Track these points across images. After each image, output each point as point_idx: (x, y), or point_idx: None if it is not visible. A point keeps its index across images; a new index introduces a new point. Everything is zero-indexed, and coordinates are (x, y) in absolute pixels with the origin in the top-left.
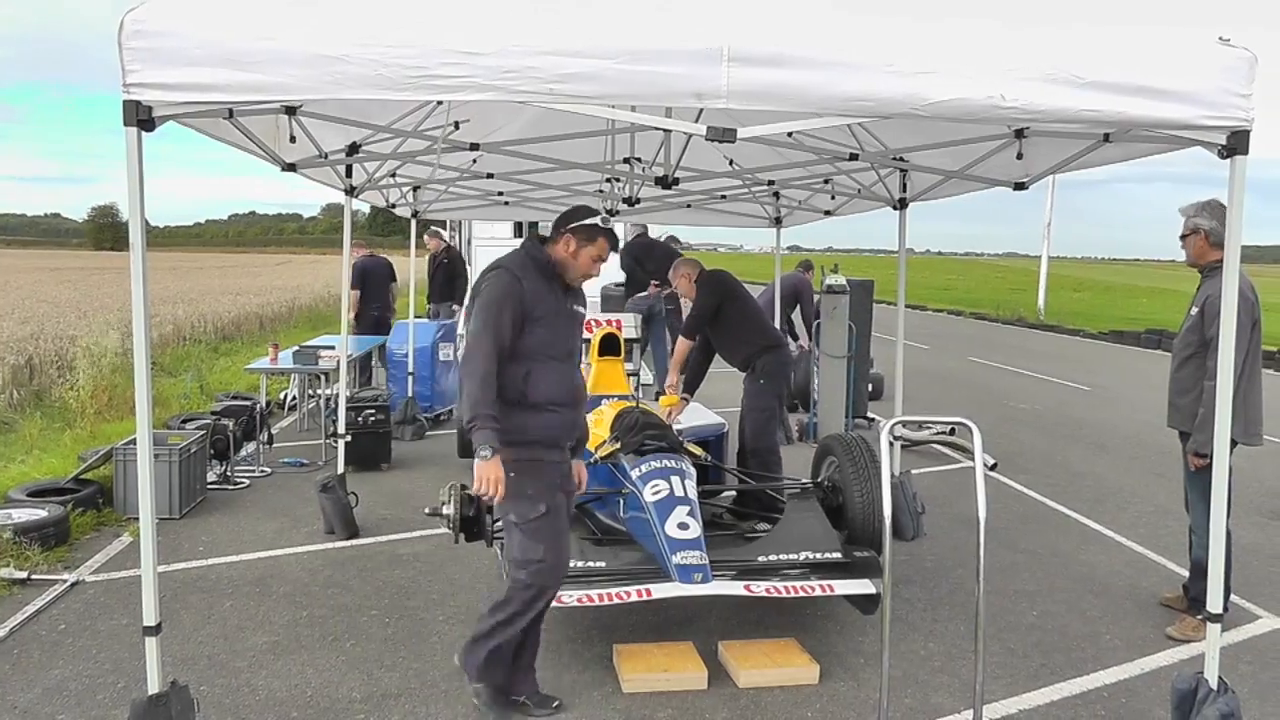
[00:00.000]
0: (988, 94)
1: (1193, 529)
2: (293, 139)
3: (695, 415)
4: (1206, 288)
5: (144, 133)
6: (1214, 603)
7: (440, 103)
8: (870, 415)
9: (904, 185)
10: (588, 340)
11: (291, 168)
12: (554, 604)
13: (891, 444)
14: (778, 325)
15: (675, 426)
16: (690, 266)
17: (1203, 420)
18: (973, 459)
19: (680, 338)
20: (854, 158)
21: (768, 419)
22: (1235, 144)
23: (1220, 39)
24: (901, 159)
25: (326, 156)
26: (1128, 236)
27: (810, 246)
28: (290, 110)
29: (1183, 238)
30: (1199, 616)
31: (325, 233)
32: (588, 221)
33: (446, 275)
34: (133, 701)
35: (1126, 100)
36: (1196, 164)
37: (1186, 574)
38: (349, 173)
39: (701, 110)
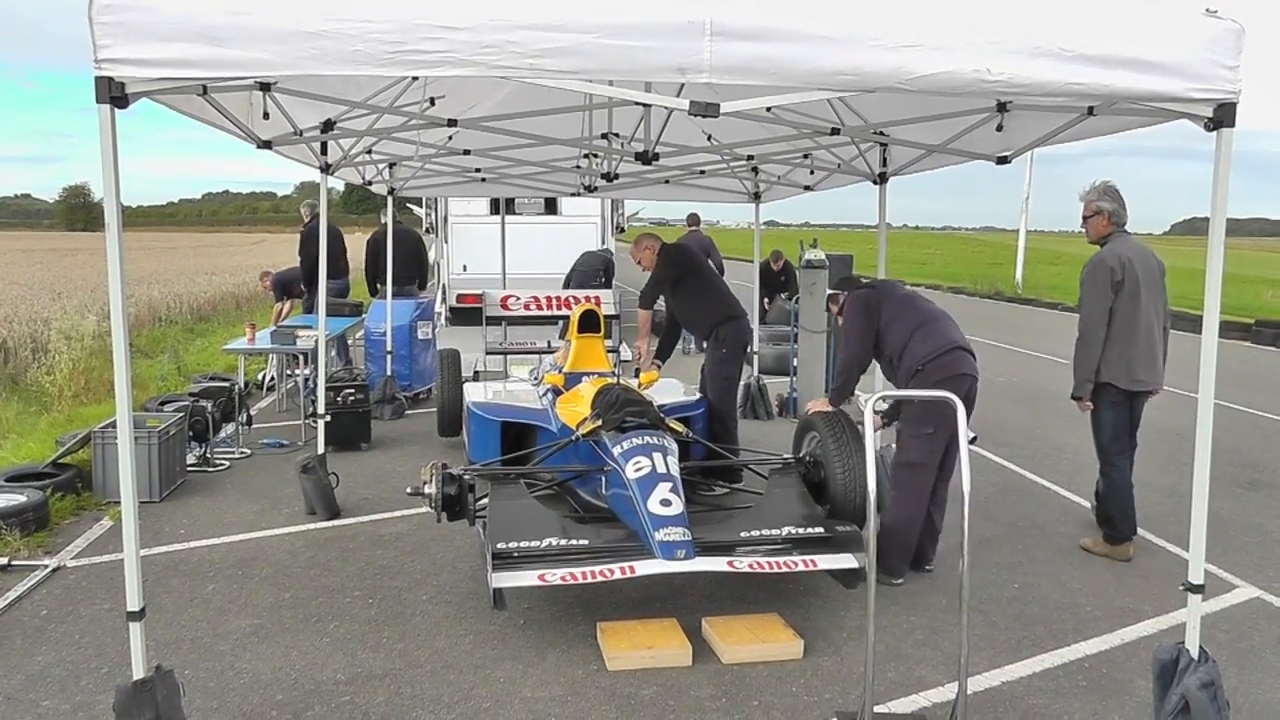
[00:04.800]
0: (974, 67)
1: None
2: (266, 115)
3: (675, 392)
4: None
5: (117, 110)
6: (1195, 573)
7: (416, 78)
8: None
9: (884, 159)
10: (566, 317)
11: (266, 145)
12: (537, 582)
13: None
14: (756, 303)
15: (657, 403)
16: (652, 240)
17: (1073, 370)
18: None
19: (640, 309)
20: (835, 132)
21: (729, 385)
22: (1222, 116)
23: (1207, 11)
24: (882, 133)
25: (301, 134)
26: None
27: (788, 222)
28: (265, 87)
29: (1085, 219)
30: (1111, 541)
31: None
32: None
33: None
34: (117, 687)
35: (1113, 73)
36: (1174, 138)
37: (1164, 543)
38: (324, 150)
39: (683, 85)
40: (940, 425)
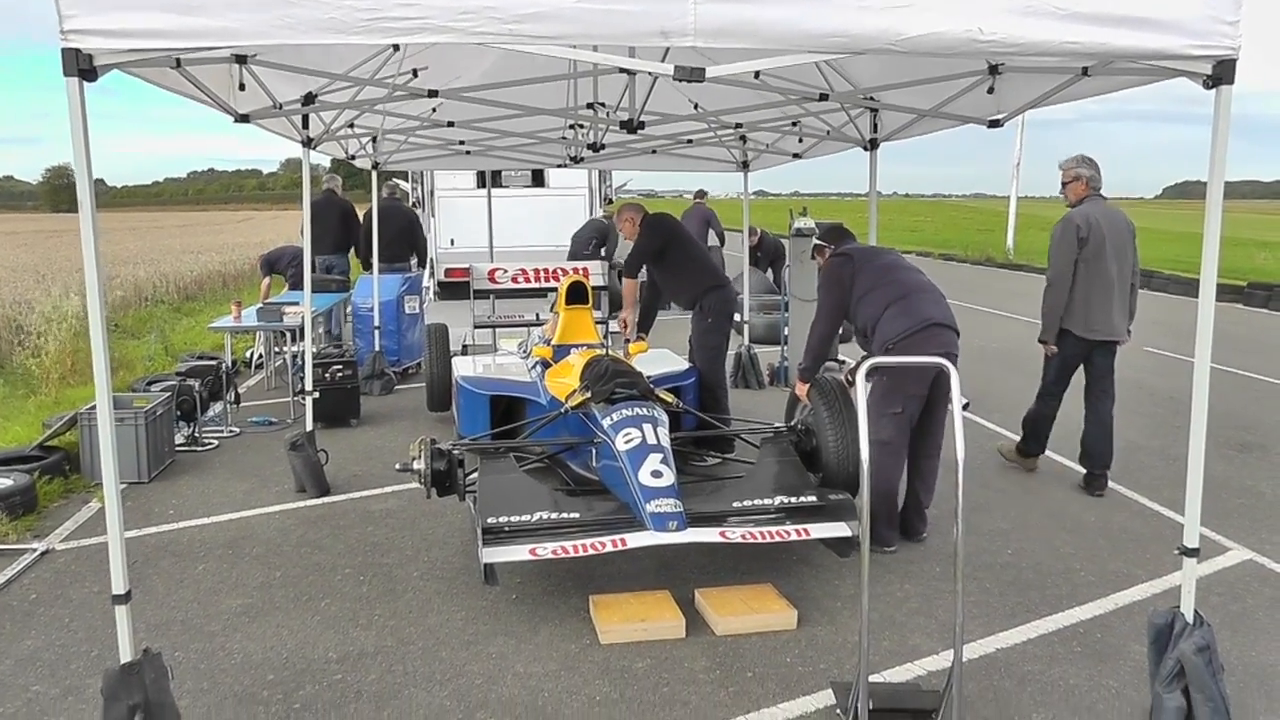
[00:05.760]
0: (965, 27)
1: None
2: (242, 87)
3: (664, 362)
4: None
5: (86, 83)
6: (1190, 537)
7: (397, 48)
8: (840, 358)
9: (875, 125)
10: (555, 289)
11: (245, 119)
12: (528, 557)
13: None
14: (746, 273)
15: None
16: (635, 211)
17: (1041, 316)
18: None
19: (624, 279)
20: (824, 98)
21: (716, 354)
22: (1221, 74)
23: None
24: (872, 98)
25: (281, 107)
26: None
27: (777, 191)
28: (241, 59)
29: (1064, 184)
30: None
31: (286, 188)
32: None
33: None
34: (105, 671)
35: (1109, 31)
36: (1166, 101)
37: (1158, 507)
38: (305, 123)
39: (668, 50)
40: (910, 404)
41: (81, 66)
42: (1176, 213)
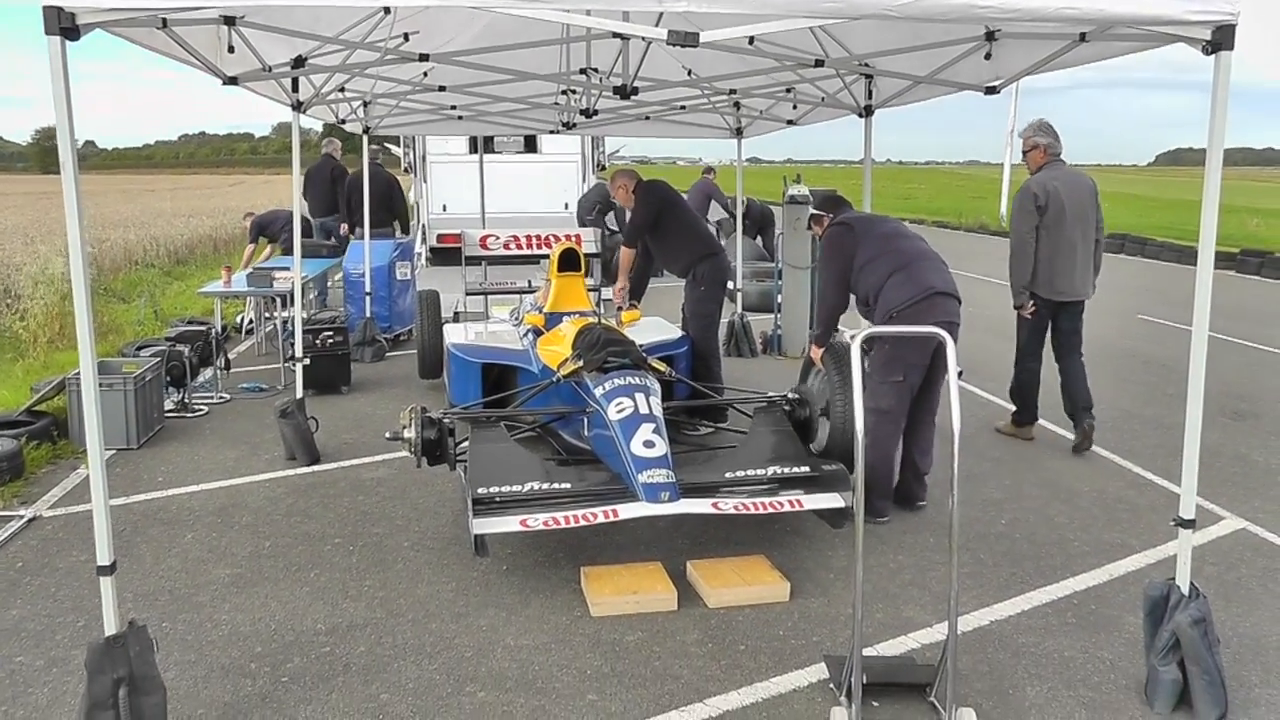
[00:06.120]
0: None
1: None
2: (231, 49)
3: (657, 330)
4: None
5: (69, 42)
6: (1186, 508)
7: (388, 11)
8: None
9: (870, 91)
10: (547, 255)
11: (233, 81)
12: (519, 528)
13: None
14: (740, 241)
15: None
16: (628, 177)
17: (1010, 283)
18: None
19: (622, 247)
20: (820, 64)
21: (709, 323)
22: (1220, 39)
23: None
24: (867, 65)
25: (270, 70)
26: (1090, 143)
27: (770, 158)
28: (230, 21)
29: (1025, 152)
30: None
31: (278, 152)
32: None
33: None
34: (89, 644)
35: None
36: (1159, 69)
37: (1152, 476)
38: (295, 87)
39: (662, 14)
40: (911, 373)
41: (63, 25)
42: (1169, 180)
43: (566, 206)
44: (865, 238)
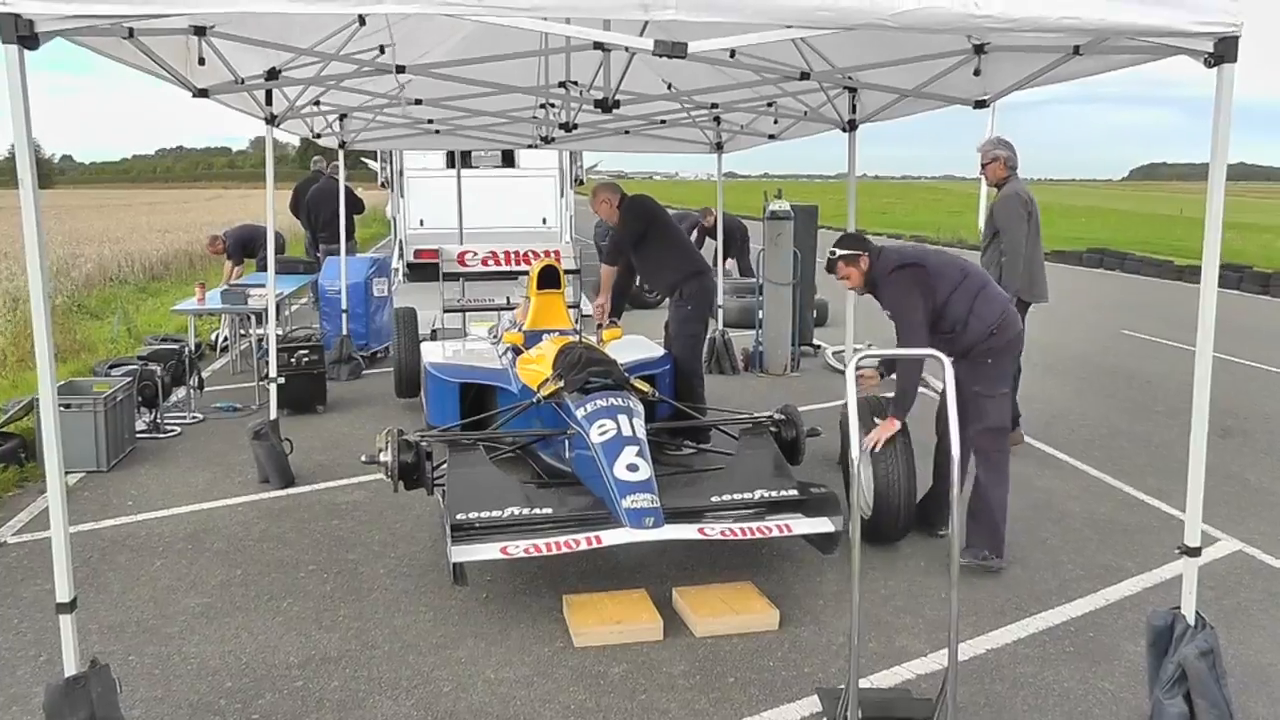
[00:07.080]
0: (960, 2)
1: None
2: (201, 61)
3: (639, 349)
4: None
5: (28, 51)
6: (1191, 535)
7: (363, 22)
8: (816, 342)
9: (854, 106)
10: (526, 272)
11: (204, 94)
12: (499, 555)
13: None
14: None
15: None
16: (611, 191)
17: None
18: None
19: (603, 265)
20: (805, 77)
21: (694, 343)
22: (1223, 51)
23: None
24: (852, 78)
25: (243, 82)
26: (1066, 157)
27: (747, 173)
28: (200, 31)
29: (984, 165)
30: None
31: (255, 167)
32: None
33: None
34: (47, 686)
35: (1108, 5)
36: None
37: (1144, 496)
38: (269, 100)
39: (646, 24)
40: (1010, 383)
41: (21, 33)
42: (1144, 194)
43: (544, 221)
44: (939, 272)
